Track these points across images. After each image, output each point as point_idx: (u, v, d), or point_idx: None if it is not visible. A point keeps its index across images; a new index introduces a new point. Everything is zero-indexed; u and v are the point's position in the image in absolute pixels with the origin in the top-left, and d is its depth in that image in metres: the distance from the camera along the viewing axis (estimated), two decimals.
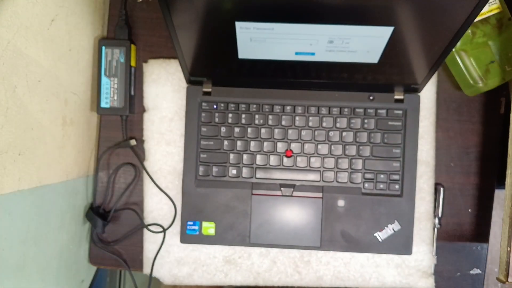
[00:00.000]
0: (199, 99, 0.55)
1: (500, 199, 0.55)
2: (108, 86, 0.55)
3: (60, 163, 0.50)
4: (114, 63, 0.55)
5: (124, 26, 0.56)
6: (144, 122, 0.58)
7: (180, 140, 0.57)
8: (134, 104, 0.58)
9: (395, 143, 0.54)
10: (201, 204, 0.55)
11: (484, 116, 0.57)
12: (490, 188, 0.57)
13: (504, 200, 0.52)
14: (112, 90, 0.55)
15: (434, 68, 0.48)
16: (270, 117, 0.55)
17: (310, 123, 0.55)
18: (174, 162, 0.57)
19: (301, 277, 0.57)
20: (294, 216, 0.54)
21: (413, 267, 0.56)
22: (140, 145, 0.58)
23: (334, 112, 0.55)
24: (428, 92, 0.56)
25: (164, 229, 0.57)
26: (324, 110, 0.55)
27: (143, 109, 0.58)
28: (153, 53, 0.58)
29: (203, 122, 0.55)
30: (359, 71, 0.50)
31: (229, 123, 0.55)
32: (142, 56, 0.58)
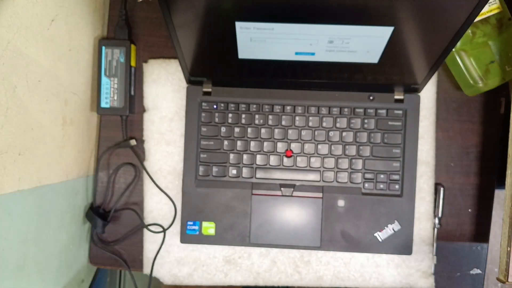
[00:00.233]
0: (199, 99, 0.55)
1: (500, 199, 0.55)
2: (108, 86, 0.55)
3: (60, 163, 0.50)
4: (114, 63, 0.55)
5: (124, 26, 0.56)
6: (144, 122, 0.58)
7: (180, 140, 0.57)
8: (134, 104, 0.58)
9: (395, 143, 0.55)
10: (201, 204, 0.55)
11: (484, 116, 0.57)
12: (490, 188, 0.57)
13: (504, 200, 0.52)
14: (112, 90, 0.55)
15: (434, 68, 0.48)
16: (270, 117, 0.55)
17: (310, 123, 0.55)
18: (174, 162, 0.57)
19: (301, 277, 0.57)
20: (294, 216, 0.54)
21: (413, 267, 0.57)
22: (140, 145, 0.58)
23: (334, 112, 0.55)
24: (428, 92, 0.56)
25: (164, 229, 0.57)
26: (324, 110, 0.55)
27: (143, 109, 0.58)
28: (153, 53, 0.58)
29: (203, 122, 0.55)
30: (359, 71, 0.50)
31: (229, 123, 0.55)
32: (142, 56, 0.58)
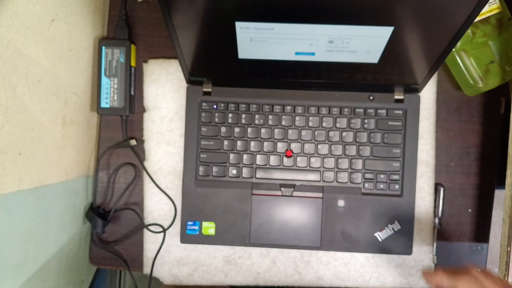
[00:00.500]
0: (199, 99, 0.55)
1: (500, 199, 0.55)
2: (108, 86, 0.55)
3: (60, 163, 0.50)
4: (114, 63, 0.55)
5: (124, 26, 0.56)
6: (144, 122, 0.58)
7: (180, 140, 0.57)
8: (134, 104, 0.58)
9: (395, 143, 0.54)
10: (201, 204, 0.55)
11: (484, 116, 0.57)
12: (490, 188, 0.57)
13: (504, 200, 0.52)
14: (112, 90, 0.55)
15: (434, 68, 0.48)
16: (270, 117, 0.55)
17: (310, 123, 0.55)
18: (174, 162, 0.57)
19: (301, 277, 0.57)
20: (294, 216, 0.54)
21: (413, 267, 0.57)
22: (140, 145, 0.58)
23: (334, 112, 0.55)
24: (428, 92, 0.56)
25: (164, 229, 0.57)
26: (324, 110, 0.55)
27: (143, 109, 0.58)
28: (153, 53, 0.58)
29: (203, 122, 0.55)
30: (359, 71, 0.50)
31: (229, 123, 0.55)
32: (142, 56, 0.58)
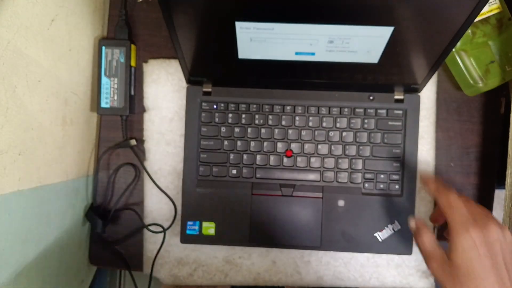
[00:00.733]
0: (199, 99, 0.55)
1: (500, 199, 0.55)
2: (108, 86, 0.55)
3: (60, 163, 0.50)
4: (114, 63, 0.55)
5: (124, 26, 0.56)
6: (144, 122, 0.58)
7: (180, 140, 0.57)
8: (134, 104, 0.58)
9: (395, 143, 0.54)
10: (201, 204, 0.55)
11: (484, 116, 0.57)
12: (490, 188, 0.57)
13: (504, 200, 0.52)
14: (112, 90, 0.55)
15: (434, 68, 0.48)
16: (270, 117, 0.55)
17: (310, 123, 0.55)
18: (174, 162, 0.57)
19: (301, 277, 0.57)
20: (294, 216, 0.54)
21: (413, 267, 0.57)
22: (140, 145, 0.58)
23: (334, 112, 0.55)
24: (428, 92, 0.56)
25: (164, 229, 0.57)
26: (324, 110, 0.55)
27: (143, 109, 0.58)
28: (153, 53, 0.58)
29: (203, 122, 0.55)
30: (359, 71, 0.50)
31: (229, 123, 0.55)
32: (142, 56, 0.58)
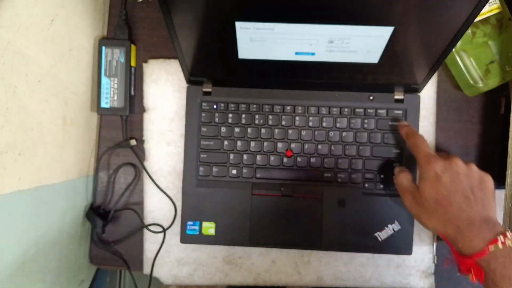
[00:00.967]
0: (199, 99, 0.55)
1: (500, 199, 0.55)
2: (108, 86, 0.55)
3: (60, 163, 0.50)
4: (114, 63, 0.55)
5: (124, 26, 0.56)
6: (144, 122, 0.58)
7: (180, 140, 0.57)
8: (134, 104, 0.58)
9: (395, 143, 0.54)
10: (201, 204, 0.55)
11: (484, 116, 0.57)
12: None
13: (504, 200, 0.52)
14: (112, 90, 0.55)
15: (434, 68, 0.48)
16: (270, 117, 0.55)
17: (310, 123, 0.55)
18: (174, 162, 0.57)
19: (301, 277, 0.57)
20: (294, 216, 0.54)
21: (413, 267, 0.56)
22: (140, 145, 0.58)
23: (334, 112, 0.55)
24: (428, 92, 0.56)
25: (164, 229, 0.57)
26: (324, 110, 0.55)
27: (143, 109, 0.58)
28: (153, 53, 0.58)
29: (203, 122, 0.55)
30: (359, 71, 0.50)
31: (229, 123, 0.55)
32: (142, 56, 0.58)
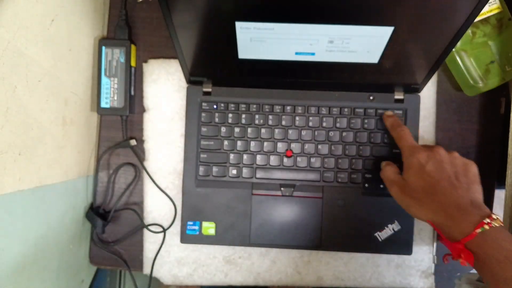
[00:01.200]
0: (199, 99, 0.55)
1: (500, 199, 0.55)
2: (108, 86, 0.55)
3: (60, 163, 0.50)
4: (114, 63, 0.55)
5: (124, 26, 0.56)
6: (144, 122, 0.58)
7: (180, 140, 0.57)
8: (134, 104, 0.58)
9: (395, 143, 0.54)
10: (201, 204, 0.55)
11: (484, 116, 0.57)
12: (490, 188, 0.57)
13: (504, 200, 0.52)
14: (112, 90, 0.55)
15: (434, 68, 0.48)
16: (270, 117, 0.55)
17: (310, 123, 0.55)
18: (174, 162, 0.57)
19: (301, 277, 0.57)
20: (294, 216, 0.54)
21: (413, 267, 0.56)
22: (140, 145, 0.58)
23: (334, 112, 0.55)
24: (428, 92, 0.56)
25: (164, 229, 0.57)
26: (324, 110, 0.55)
27: (143, 109, 0.58)
28: (153, 53, 0.58)
29: (203, 122, 0.55)
30: (359, 71, 0.50)
31: (229, 123, 0.55)
32: (142, 56, 0.58)
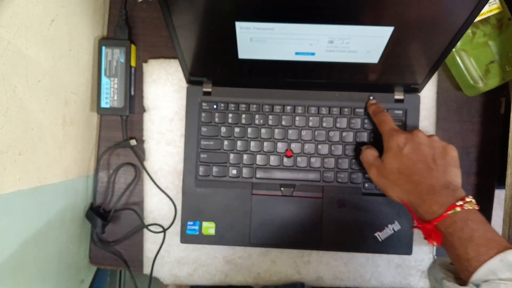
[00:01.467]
0: (199, 99, 0.55)
1: (500, 199, 0.55)
2: (108, 86, 0.55)
3: (60, 163, 0.50)
4: (114, 63, 0.55)
5: (124, 26, 0.56)
6: (144, 122, 0.58)
7: (180, 140, 0.57)
8: (134, 104, 0.58)
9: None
10: (201, 204, 0.55)
11: (484, 116, 0.57)
12: (490, 188, 0.57)
13: (504, 200, 0.52)
14: (112, 90, 0.55)
15: (434, 68, 0.48)
16: (270, 117, 0.55)
17: (310, 123, 0.55)
18: (174, 162, 0.57)
19: (301, 277, 0.57)
20: (294, 216, 0.54)
21: (413, 267, 0.56)
22: (140, 145, 0.58)
23: (334, 112, 0.55)
24: (428, 92, 0.56)
25: (164, 229, 0.57)
26: (324, 110, 0.55)
27: (143, 109, 0.58)
28: (153, 53, 0.58)
29: (203, 122, 0.55)
30: (359, 71, 0.50)
31: (229, 123, 0.55)
32: (142, 56, 0.58)
